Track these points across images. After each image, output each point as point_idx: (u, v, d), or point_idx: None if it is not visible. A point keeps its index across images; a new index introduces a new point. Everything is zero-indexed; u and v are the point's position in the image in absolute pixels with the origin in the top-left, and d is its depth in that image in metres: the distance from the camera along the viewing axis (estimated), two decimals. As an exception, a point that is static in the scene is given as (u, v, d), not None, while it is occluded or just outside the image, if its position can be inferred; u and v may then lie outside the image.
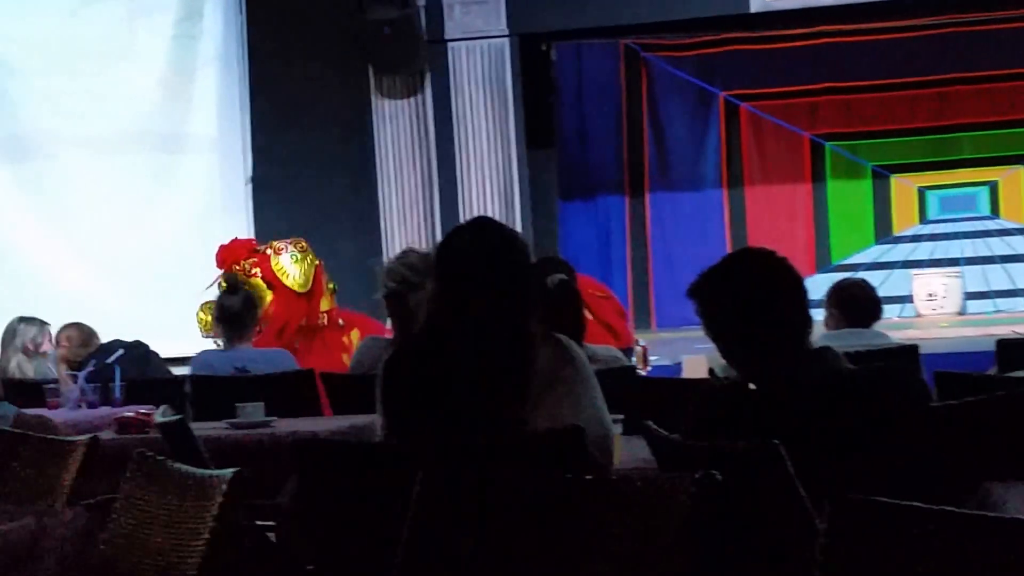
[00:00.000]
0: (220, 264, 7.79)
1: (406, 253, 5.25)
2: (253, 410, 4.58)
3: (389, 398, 3.12)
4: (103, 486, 3.32)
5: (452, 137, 10.13)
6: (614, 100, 11.37)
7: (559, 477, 2.56)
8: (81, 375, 5.33)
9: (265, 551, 3.75)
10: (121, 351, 5.70)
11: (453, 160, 10.13)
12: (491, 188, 10.11)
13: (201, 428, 4.30)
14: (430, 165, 10.19)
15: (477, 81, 10.13)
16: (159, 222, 9.14)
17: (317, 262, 7.81)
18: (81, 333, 6.62)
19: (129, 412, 4.67)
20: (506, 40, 10.15)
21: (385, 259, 6.40)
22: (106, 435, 4.26)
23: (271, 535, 3.94)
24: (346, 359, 6.61)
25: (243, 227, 9.92)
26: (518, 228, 8.60)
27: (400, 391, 3.10)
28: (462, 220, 9.71)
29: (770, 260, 2.93)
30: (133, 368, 5.68)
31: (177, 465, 2.77)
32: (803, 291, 2.93)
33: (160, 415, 4.06)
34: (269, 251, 7.73)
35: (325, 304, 7.67)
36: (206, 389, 5.37)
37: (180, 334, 7.96)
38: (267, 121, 10.00)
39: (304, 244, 7.86)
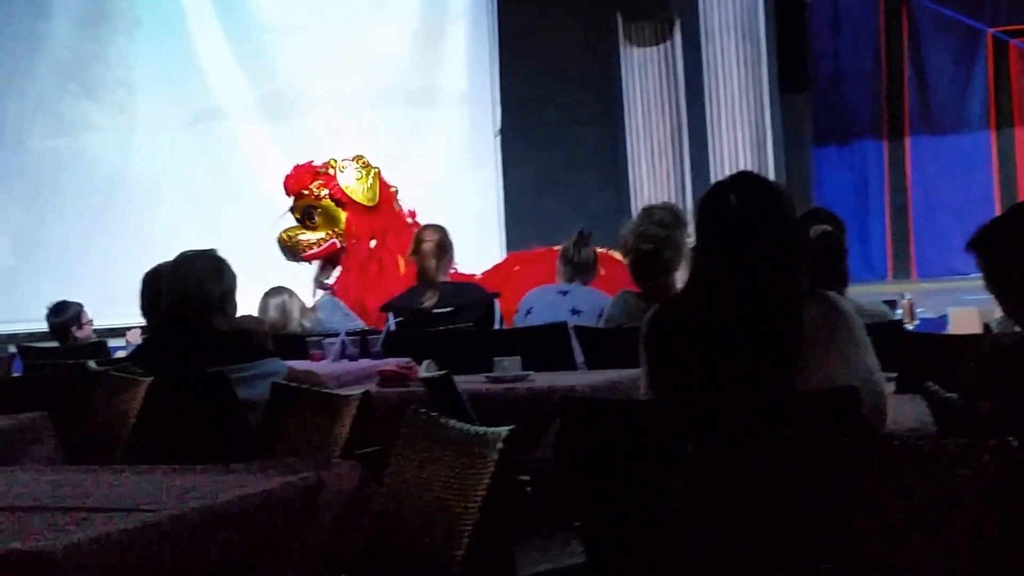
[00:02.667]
0: (289, 192, 8.14)
1: (650, 211, 5.27)
2: (510, 364, 4.63)
3: (654, 355, 3.10)
4: (366, 438, 3.41)
5: (702, 84, 9.99)
6: (872, 40, 11.02)
7: (835, 438, 2.49)
8: (343, 330, 5.50)
9: (527, 505, 3.79)
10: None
11: (703, 107, 9.99)
12: (743, 135, 9.94)
13: (458, 381, 4.35)
14: (679, 113, 10.08)
15: (728, 25, 9.94)
16: (411, 175, 9.34)
17: (376, 170, 8.14)
18: (441, 238, 6.52)
19: (391, 365, 4.78)
20: (759, -19, 9.99)
21: (634, 214, 6.42)
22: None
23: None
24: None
25: (492, 178, 10.08)
26: (771, 175, 8.45)
27: (666, 348, 3.07)
28: (712, 169, 9.72)
29: None
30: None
31: (450, 421, 2.81)
32: None
33: (425, 370, 4.14)
34: (331, 170, 8.04)
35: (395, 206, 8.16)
36: (463, 342, 5.46)
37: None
38: (516, 72, 10.07)
39: (365, 159, 8.15)
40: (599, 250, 7.23)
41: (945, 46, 10.98)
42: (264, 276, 6.92)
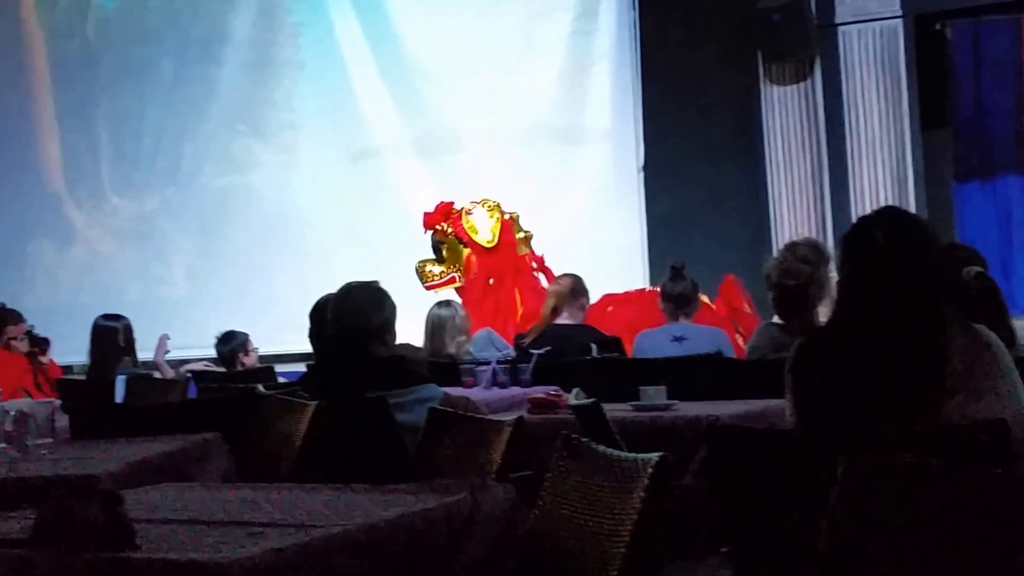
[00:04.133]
0: (425, 228, 8.81)
1: (793, 247, 5.31)
2: (656, 393, 4.69)
3: (801, 386, 3.15)
4: (519, 462, 3.50)
5: (842, 121, 9.94)
6: (1014, 77, 10.81)
7: (985, 471, 2.50)
8: (494, 358, 5.64)
9: (674, 531, 3.83)
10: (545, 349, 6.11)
11: (843, 145, 9.95)
12: (883, 172, 9.87)
13: (605, 409, 4.42)
14: (819, 150, 10.05)
15: (868, 64, 9.91)
16: (558, 210, 9.53)
17: (506, 216, 8.61)
18: (572, 282, 6.92)
19: (539, 392, 4.88)
20: (899, 21, 9.90)
21: (774, 249, 6.52)
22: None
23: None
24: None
25: (635, 213, 10.16)
26: (912, 212, 8.38)
27: (813, 379, 3.11)
28: (853, 205, 9.67)
29: None
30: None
31: (601, 448, 2.86)
32: None
33: (574, 397, 4.22)
34: (461, 212, 8.63)
35: (522, 249, 8.63)
36: (608, 371, 5.55)
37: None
38: (658, 110, 10.15)
39: (493, 203, 8.67)
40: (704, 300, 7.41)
41: (1088, 79, 10.75)
42: (417, 306, 7.13)
